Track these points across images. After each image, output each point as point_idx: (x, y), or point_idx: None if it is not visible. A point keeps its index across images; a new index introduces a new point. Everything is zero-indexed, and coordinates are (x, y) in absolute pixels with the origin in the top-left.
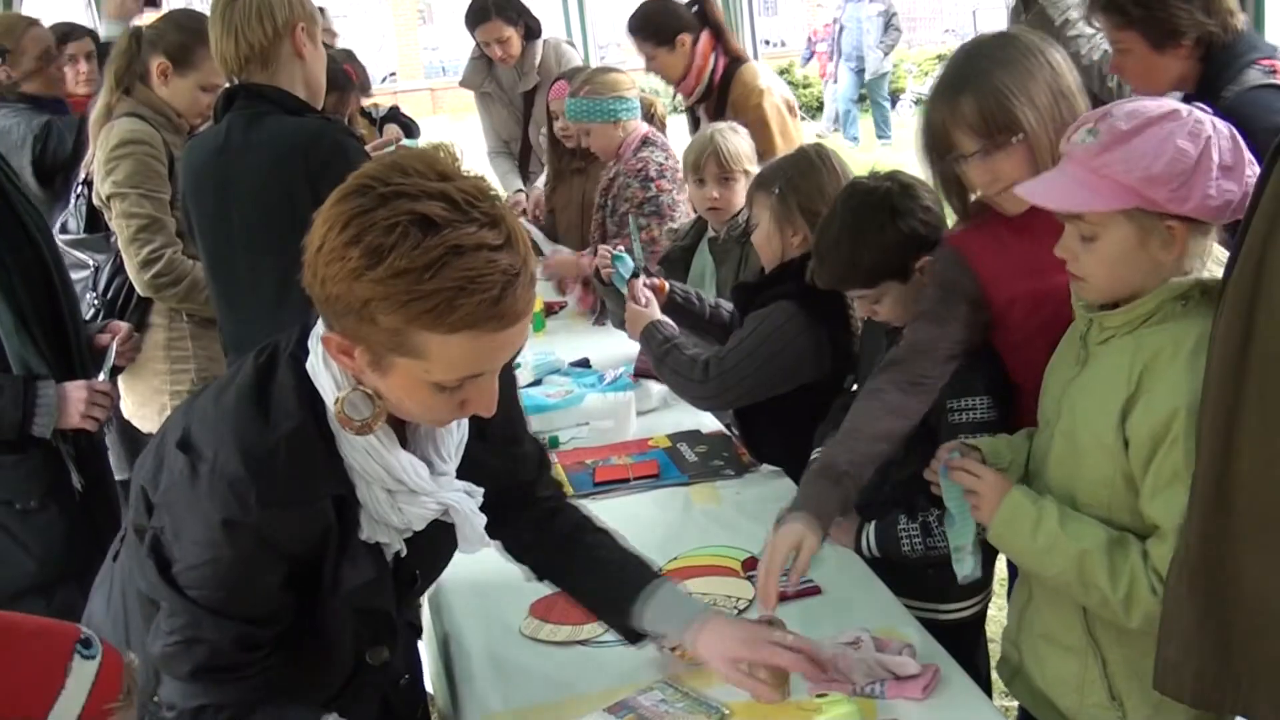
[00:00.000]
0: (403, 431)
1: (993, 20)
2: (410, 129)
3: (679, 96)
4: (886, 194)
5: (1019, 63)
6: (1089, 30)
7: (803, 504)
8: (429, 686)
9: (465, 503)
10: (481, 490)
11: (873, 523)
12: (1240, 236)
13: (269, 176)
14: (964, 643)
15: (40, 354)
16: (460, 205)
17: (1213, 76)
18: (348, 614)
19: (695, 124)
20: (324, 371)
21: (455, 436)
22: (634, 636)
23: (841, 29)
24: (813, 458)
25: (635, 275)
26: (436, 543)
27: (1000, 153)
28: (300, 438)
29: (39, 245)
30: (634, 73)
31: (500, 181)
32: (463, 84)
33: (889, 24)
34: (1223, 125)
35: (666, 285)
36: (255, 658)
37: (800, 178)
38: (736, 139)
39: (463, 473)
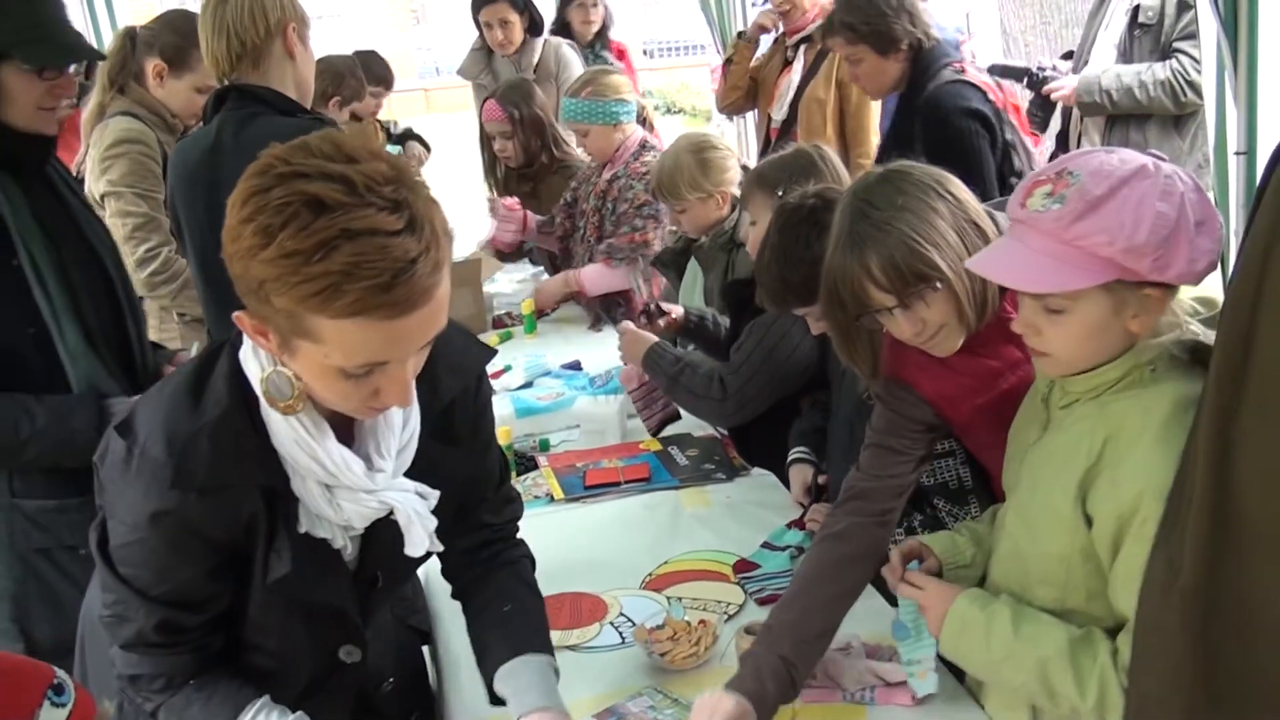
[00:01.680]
0: (350, 427)
1: (986, 21)
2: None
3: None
4: (811, 211)
5: (918, 205)
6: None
7: (750, 683)
8: None
9: (411, 503)
10: (437, 494)
11: None
12: (1240, 248)
13: None
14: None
15: (111, 376)
16: (358, 188)
17: (918, 76)
18: (283, 605)
19: (786, 66)
20: (252, 358)
21: (399, 436)
22: (493, 696)
23: None
24: (791, 456)
25: (645, 311)
26: (396, 544)
27: (920, 302)
28: (226, 425)
29: (104, 261)
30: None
31: None
32: (460, 73)
33: None
34: (1187, 176)
35: (679, 311)
36: (182, 638)
37: (804, 179)
38: (678, 168)
39: (421, 474)
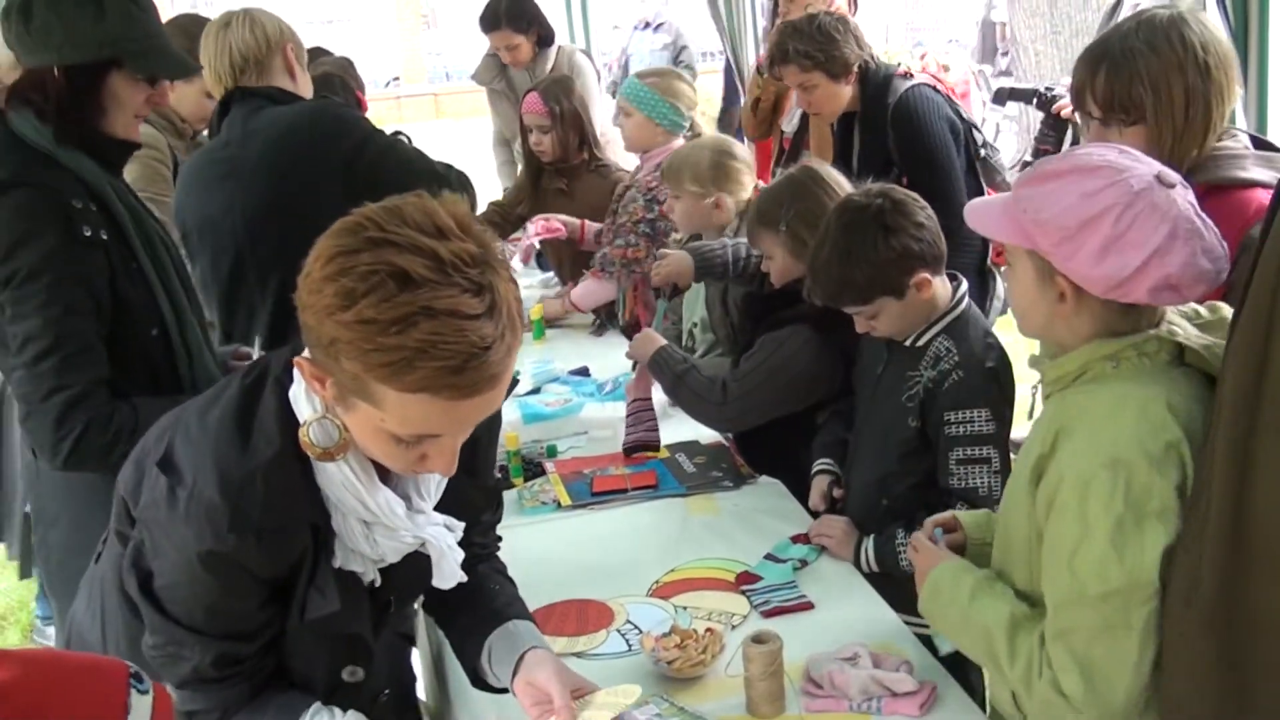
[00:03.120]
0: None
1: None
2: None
3: None
4: (878, 211)
5: (1170, 55)
6: None
7: None
8: (423, 696)
9: (443, 537)
10: (462, 525)
11: (871, 537)
12: (1254, 260)
13: (273, 159)
14: (959, 660)
15: (220, 373)
16: (445, 266)
17: (872, 94)
18: (315, 637)
19: None
20: (304, 399)
21: (437, 475)
22: (478, 681)
23: (628, 59)
24: (815, 468)
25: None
26: (413, 570)
27: (1114, 129)
28: (279, 466)
29: (183, 269)
30: None
31: (497, 170)
32: (474, 78)
33: (677, 59)
34: (1183, 201)
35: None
36: (238, 669)
37: (803, 206)
38: (691, 159)
39: (444, 506)
